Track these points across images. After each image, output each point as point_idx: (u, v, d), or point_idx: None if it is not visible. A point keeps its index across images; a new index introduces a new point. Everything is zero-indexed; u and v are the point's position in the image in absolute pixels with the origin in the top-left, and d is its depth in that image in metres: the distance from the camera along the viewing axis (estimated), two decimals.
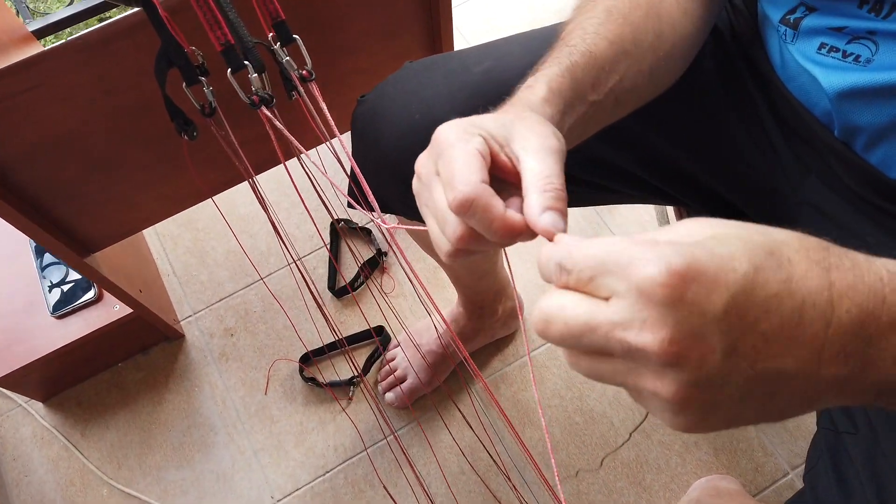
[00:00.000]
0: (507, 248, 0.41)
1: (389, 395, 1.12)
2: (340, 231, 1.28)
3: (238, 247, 1.28)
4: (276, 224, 0.79)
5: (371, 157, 0.67)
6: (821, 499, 0.60)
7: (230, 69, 0.52)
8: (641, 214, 1.30)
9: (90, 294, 1.05)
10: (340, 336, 1.13)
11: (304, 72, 0.57)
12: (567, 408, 1.14)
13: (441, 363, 1.11)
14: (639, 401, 0.30)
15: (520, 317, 1.18)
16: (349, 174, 0.67)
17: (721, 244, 0.28)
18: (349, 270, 1.27)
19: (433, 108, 0.61)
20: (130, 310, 1.04)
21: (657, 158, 0.67)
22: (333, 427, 1.13)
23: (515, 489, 1.06)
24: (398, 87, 0.65)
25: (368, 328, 1.19)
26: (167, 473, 1.11)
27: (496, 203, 0.35)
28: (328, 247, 1.29)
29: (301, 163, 0.73)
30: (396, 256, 1.26)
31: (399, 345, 1.15)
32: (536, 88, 0.45)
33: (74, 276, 1.06)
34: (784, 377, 0.28)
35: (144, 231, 1.29)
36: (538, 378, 1.16)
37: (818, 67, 0.53)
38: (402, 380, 1.11)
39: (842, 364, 0.28)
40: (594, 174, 0.67)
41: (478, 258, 0.91)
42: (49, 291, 1.05)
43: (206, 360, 1.19)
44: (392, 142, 0.64)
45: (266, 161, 0.95)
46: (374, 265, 1.26)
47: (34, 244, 1.09)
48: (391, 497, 1.06)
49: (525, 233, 0.35)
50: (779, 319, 0.27)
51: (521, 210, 0.36)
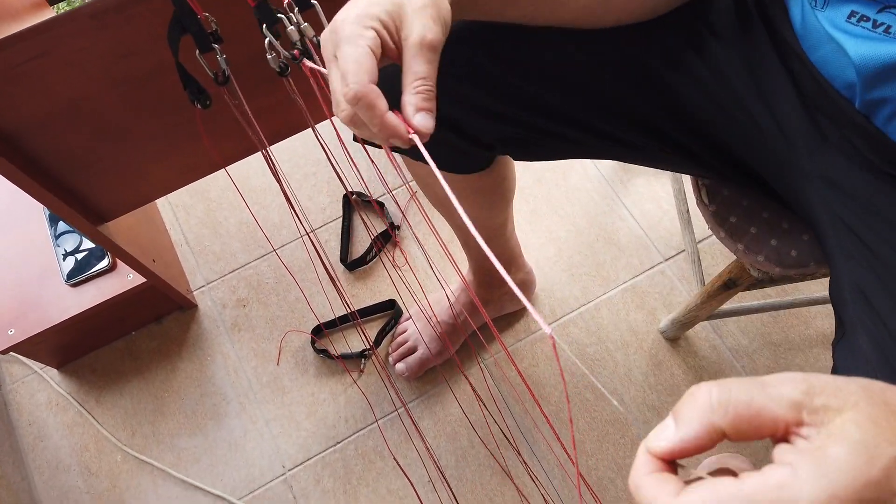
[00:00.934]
0: (520, 222, 0.42)
1: (400, 366, 1.12)
2: (353, 204, 1.28)
3: (250, 218, 1.28)
4: (289, 195, 0.79)
5: (379, 86, 0.67)
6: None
7: (264, 24, 0.51)
8: (657, 191, 1.28)
9: (104, 263, 1.06)
10: (353, 309, 1.13)
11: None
12: (578, 384, 1.14)
13: (452, 334, 1.11)
14: None
15: (531, 292, 1.18)
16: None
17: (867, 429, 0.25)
18: (361, 244, 1.26)
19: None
20: (144, 279, 1.04)
21: (676, 111, 0.65)
22: (344, 399, 1.14)
23: (525, 462, 1.06)
24: None
25: (380, 301, 1.19)
26: (180, 441, 1.12)
27: (380, 104, 0.41)
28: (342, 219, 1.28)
29: (316, 133, 0.72)
30: (410, 229, 1.25)
31: (410, 317, 1.15)
32: None
33: (88, 245, 1.07)
34: None
35: (157, 202, 1.29)
36: (549, 354, 1.16)
37: (846, 37, 0.51)
38: (413, 351, 1.12)
39: None
40: (614, 125, 0.66)
41: (484, 219, 0.90)
42: (63, 260, 1.06)
43: (219, 331, 1.20)
44: (392, 69, 0.64)
45: (279, 132, 0.94)
46: (387, 238, 1.25)
47: (48, 212, 1.09)
48: (401, 468, 1.07)
49: (402, 135, 0.41)
50: None
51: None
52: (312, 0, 0.58)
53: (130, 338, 1.19)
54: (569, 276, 1.22)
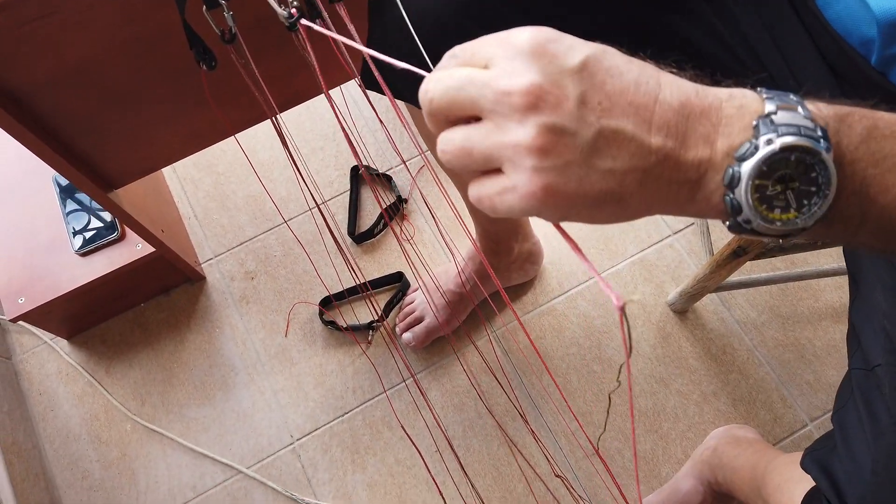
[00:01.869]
0: None
1: (407, 336, 1.12)
2: (363, 177, 1.28)
3: (258, 191, 1.28)
4: (298, 164, 0.78)
5: (385, 35, 0.67)
6: (850, 438, 0.59)
7: None
8: None
9: (113, 234, 1.06)
10: (363, 279, 1.13)
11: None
12: (585, 356, 1.13)
13: (459, 303, 1.11)
14: (502, 182, 0.33)
15: (538, 264, 1.18)
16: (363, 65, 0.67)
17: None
18: (369, 217, 1.26)
19: None
20: (153, 249, 1.04)
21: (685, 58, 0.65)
22: (352, 370, 1.14)
23: (533, 432, 1.06)
24: None
25: (388, 274, 1.19)
26: (189, 411, 1.13)
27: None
28: (350, 192, 1.28)
29: (329, 98, 0.71)
30: (416, 204, 1.25)
31: (418, 288, 1.15)
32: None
33: (96, 224, 1.07)
34: (622, 138, 0.32)
35: (165, 175, 1.29)
36: (557, 327, 1.16)
37: None
38: (420, 321, 1.12)
39: (665, 135, 0.33)
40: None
41: None
42: (72, 230, 1.06)
43: (227, 303, 1.20)
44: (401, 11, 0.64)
45: (288, 100, 0.94)
46: (394, 212, 1.25)
47: (57, 181, 1.09)
48: (409, 438, 1.07)
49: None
50: (621, 84, 0.32)
51: None
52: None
53: (139, 309, 1.20)
54: None
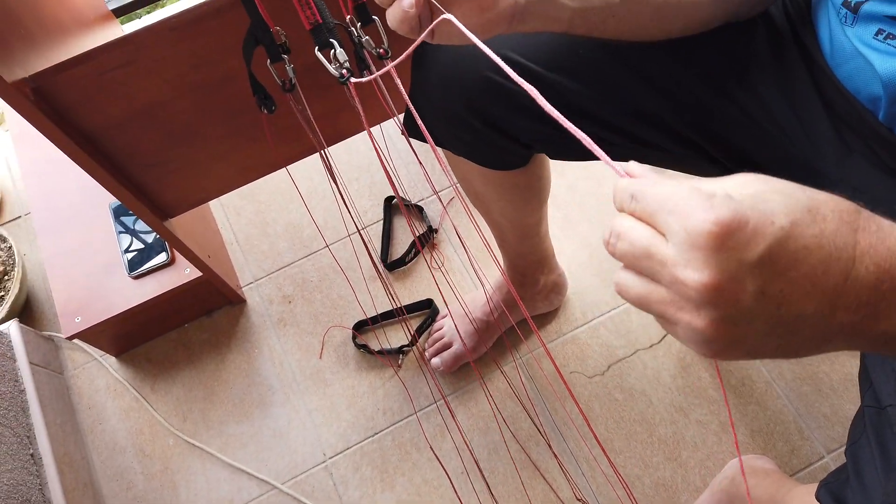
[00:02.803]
0: (553, 227, 0.48)
1: (435, 360, 1.17)
2: (400, 206, 1.34)
3: (297, 220, 1.35)
4: (342, 191, 0.85)
5: (426, 88, 0.72)
6: (862, 472, 0.62)
7: (317, 46, 0.57)
8: None
9: (163, 257, 1.13)
10: (399, 304, 1.19)
11: (381, 50, 0.62)
12: (608, 385, 1.18)
13: (486, 331, 1.16)
14: (672, 330, 0.34)
15: (563, 294, 1.22)
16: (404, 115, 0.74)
17: (765, 200, 0.32)
18: (401, 246, 1.32)
19: (487, 44, 0.67)
20: (200, 273, 1.11)
21: (701, 119, 0.70)
22: (383, 392, 1.20)
23: (556, 457, 1.10)
24: None
25: (419, 301, 1.25)
26: (228, 427, 1.19)
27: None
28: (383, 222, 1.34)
29: (370, 136, 0.78)
30: (450, 231, 1.31)
31: (447, 314, 1.20)
32: None
33: (138, 245, 1.14)
34: (803, 319, 0.32)
35: (210, 204, 1.37)
36: (580, 355, 1.20)
37: (874, 52, 0.56)
38: (448, 346, 1.17)
39: (853, 312, 0.32)
40: (645, 131, 0.71)
41: (519, 216, 0.95)
42: (126, 255, 1.14)
43: (266, 325, 1.27)
44: (441, 70, 0.70)
45: (331, 136, 1.01)
46: (425, 241, 1.31)
47: (113, 208, 1.17)
48: (438, 459, 1.12)
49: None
50: (806, 269, 0.31)
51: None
52: (375, 17, 0.65)
53: (183, 329, 1.27)
54: (600, 281, 1.26)
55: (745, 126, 0.69)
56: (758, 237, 0.31)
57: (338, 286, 1.29)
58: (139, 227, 1.16)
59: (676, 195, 0.32)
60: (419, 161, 0.88)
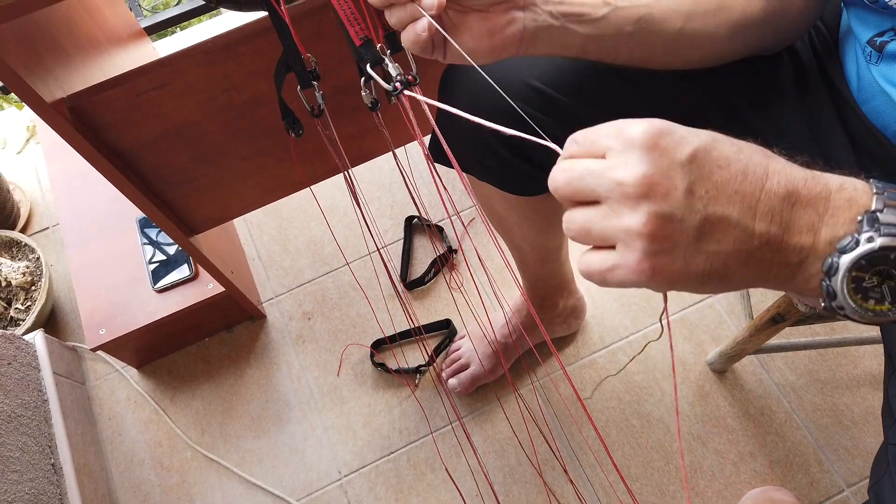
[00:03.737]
0: (574, 251, 0.51)
1: (452, 381, 1.18)
2: (424, 226, 1.35)
3: (318, 237, 1.37)
4: (364, 211, 0.86)
5: (452, 114, 0.73)
6: None
7: (369, 61, 0.56)
8: None
9: (186, 271, 1.15)
10: (417, 323, 1.20)
11: (410, 77, 0.63)
12: (625, 410, 1.17)
13: (504, 353, 1.16)
14: (612, 259, 0.37)
15: (581, 318, 1.22)
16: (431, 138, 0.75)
17: (690, 127, 0.37)
18: (420, 265, 1.33)
19: (510, 70, 0.68)
20: (223, 288, 1.13)
21: None
22: (399, 411, 1.20)
23: (572, 482, 1.10)
24: None
25: (437, 321, 1.26)
26: (245, 442, 1.20)
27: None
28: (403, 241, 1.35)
29: (396, 158, 0.79)
30: (469, 252, 1.32)
31: (465, 335, 1.21)
32: None
33: (160, 257, 1.16)
34: (726, 224, 0.36)
35: (234, 220, 1.39)
36: (597, 380, 1.20)
37: None
38: (466, 367, 1.17)
39: (769, 222, 0.36)
40: None
41: (541, 240, 0.96)
42: (150, 268, 1.16)
43: (285, 341, 1.28)
44: (469, 97, 0.70)
45: (356, 157, 1.02)
46: (444, 261, 1.32)
47: (139, 221, 1.19)
48: (452, 480, 1.12)
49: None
50: (728, 174, 0.36)
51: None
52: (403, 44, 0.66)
53: (204, 343, 1.29)
54: (619, 306, 1.26)
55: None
56: (685, 141, 0.36)
57: (357, 304, 1.30)
58: (163, 241, 1.18)
59: (614, 122, 0.38)
60: (442, 184, 0.89)
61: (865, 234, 0.35)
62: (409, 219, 1.36)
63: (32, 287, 1.27)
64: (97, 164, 0.79)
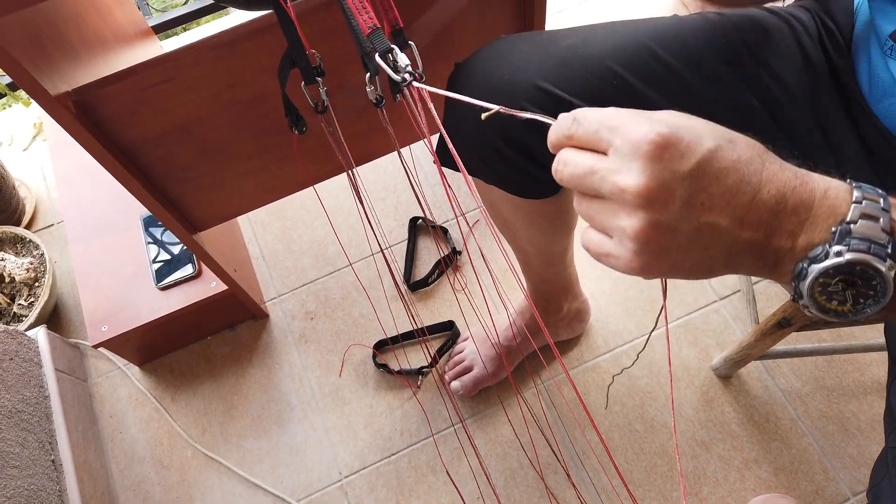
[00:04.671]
0: (578, 255, 0.50)
1: (455, 384, 1.17)
2: (419, 228, 1.35)
3: (322, 237, 1.37)
4: (368, 212, 0.85)
5: (459, 117, 0.73)
6: None
7: (378, 52, 0.53)
8: None
9: (190, 270, 1.15)
10: (421, 324, 1.19)
11: (417, 74, 0.62)
12: (629, 415, 1.16)
13: (508, 355, 1.15)
14: (607, 252, 0.39)
15: (585, 322, 1.22)
16: (439, 140, 0.74)
17: (694, 127, 0.37)
18: (424, 266, 1.33)
19: (518, 71, 0.67)
20: (225, 287, 1.13)
21: None
22: (401, 413, 1.19)
23: (575, 486, 1.09)
24: (490, 53, 0.71)
25: (440, 322, 1.25)
26: (246, 442, 1.19)
27: None
28: (408, 242, 1.35)
29: (401, 157, 0.79)
30: (474, 253, 1.31)
31: (468, 337, 1.20)
32: None
33: (164, 256, 1.16)
34: (717, 232, 0.37)
35: (238, 218, 1.38)
36: (601, 384, 1.19)
37: None
38: (469, 370, 1.17)
39: (755, 230, 0.37)
40: None
41: (546, 243, 0.95)
42: (154, 265, 1.15)
43: (287, 341, 1.28)
44: (476, 98, 0.70)
45: (361, 157, 1.02)
46: (449, 263, 1.32)
47: (143, 219, 1.19)
48: (453, 483, 1.11)
49: None
50: (725, 186, 0.37)
51: None
52: (410, 41, 0.66)
53: (206, 342, 1.28)
54: (623, 310, 1.25)
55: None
56: (689, 153, 0.36)
57: (360, 304, 1.29)
58: (167, 239, 1.18)
59: (618, 114, 0.38)
60: (447, 185, 0.89)
61: (835, 248, 0.37)
62: (414, 220, 1.36)
63: (36, 283, 1.27)
64: (101, 159, 0.79)
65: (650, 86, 0.68)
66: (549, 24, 0.93)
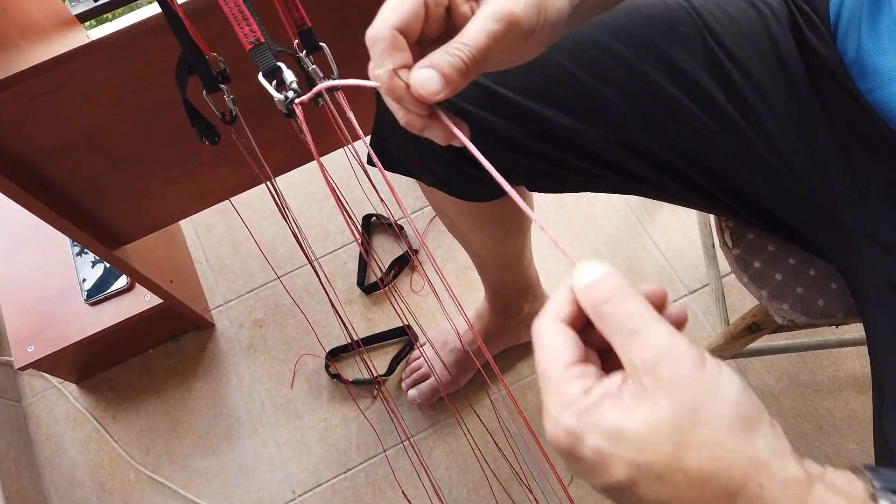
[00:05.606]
0: (540, 248, 0.41)
1: (412, 392, 1.11)
2: (374, 226, 1.27)
3: (269, 238, 1.28)
4: (295, 225, 0.77)
5: (394, 119, 0.66)
6: None
7: (261, 71, 0.48)
8: (684, 221, 1.24)
9: (122, 282, 1.06)
10: (357, 337, 1.12)
11: (331, 78, 0.55)
12: None
13: (465, 363, 1.09)
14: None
15: None
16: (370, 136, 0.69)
17: (641, 440, 0.28)
18: (381, 266, 1.25)
19: None
20: (161, 300, 1.05)
21: (697, 151, 0.63)
22: (357, 425, 1.13)
23: (536, 501, 1.03)
24: None
25: (395, 327, 1.18)
26: (193, 461, 1.12)
27: (391, 53, 0.35)
28: (360, 242, 1.27)
29: (322, 169, 0.71)
30: (429, 254, 1.24)
31: (426, 343, 1.13)
32: None
33: (107, 264, 1.07)
34: None
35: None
36: None
37: None
38: (426, 378, 1.10)
39: None
40: (633, 163, 0.64)
41: (499, 247, 0.89)
42: (82, 279, 1.07)
43: (235, 351, 1.20)
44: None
45: (288, 163, 0.94)
46: (405, 262, 1.24)
47: None
48: (408, 501, 1.05)
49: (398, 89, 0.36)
50: None
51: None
52: (321, 43, 0.58)
53: (148, 355, 1.20)
54: None
55: (747, 163, 0.62)
56: (595, 473, 0.29)
57: (312, 310, 1.22)
58: None
59: (554, 379, 0.30)
60: (389, 183, 0.81)
61: None
62: (367, 217, 1.28)
63: None
64: None
65: (598, 78, 0.61)
66: None
